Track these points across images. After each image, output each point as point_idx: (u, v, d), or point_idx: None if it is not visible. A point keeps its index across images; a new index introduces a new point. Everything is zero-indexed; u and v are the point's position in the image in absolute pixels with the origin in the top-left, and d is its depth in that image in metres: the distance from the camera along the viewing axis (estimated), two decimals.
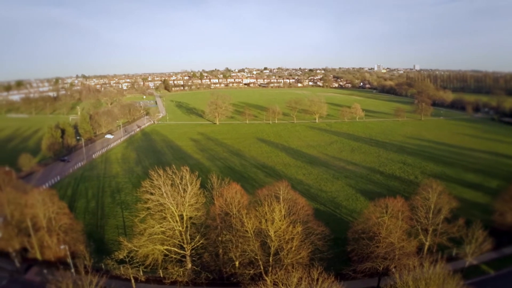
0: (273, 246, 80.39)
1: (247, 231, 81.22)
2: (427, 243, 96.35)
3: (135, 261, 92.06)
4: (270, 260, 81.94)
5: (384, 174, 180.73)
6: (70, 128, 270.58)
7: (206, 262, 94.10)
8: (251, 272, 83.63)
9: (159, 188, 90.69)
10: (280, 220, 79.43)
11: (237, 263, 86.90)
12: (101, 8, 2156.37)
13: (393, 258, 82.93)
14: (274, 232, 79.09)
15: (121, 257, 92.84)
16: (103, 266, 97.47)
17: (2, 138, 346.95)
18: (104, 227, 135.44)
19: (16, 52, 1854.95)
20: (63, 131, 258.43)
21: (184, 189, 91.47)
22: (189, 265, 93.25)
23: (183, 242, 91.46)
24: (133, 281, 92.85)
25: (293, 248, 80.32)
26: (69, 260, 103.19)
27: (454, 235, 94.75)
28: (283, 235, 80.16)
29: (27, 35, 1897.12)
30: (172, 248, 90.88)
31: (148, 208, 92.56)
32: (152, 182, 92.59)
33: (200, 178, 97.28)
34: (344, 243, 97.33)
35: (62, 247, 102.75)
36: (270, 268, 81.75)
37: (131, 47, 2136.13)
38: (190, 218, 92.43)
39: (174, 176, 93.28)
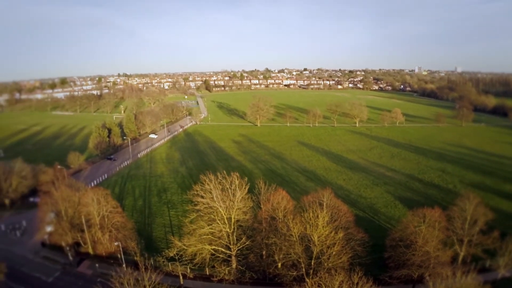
0: (316, 250, 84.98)
1: (292, 235, 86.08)
2: (462, 254, 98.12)
3: (184, 259, 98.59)
4: (312, 263, 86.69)
5: (423, 182, 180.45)
6: (116, 127, 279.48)
7: (251, 263, 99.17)
8: (293, 274, 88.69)
9: (210, 192, 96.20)
10: (323, 227, 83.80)
11: (279, 264, 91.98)
12: (141, 9, 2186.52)
13: (428, 266, 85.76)
14: (318, 237, 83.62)
15: (171, 254, 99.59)
16: (152, 262, 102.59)
17: (49, 135, 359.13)
18: (152, 225, 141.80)
19: (60, 51, 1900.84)
20: (109, 131, 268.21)
21: (234, 193, 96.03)
22: (234, 265, 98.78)
23: (230, 243, 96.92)
24: (181, 277, 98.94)
25: (334, 253, 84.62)
26: (121, 255, 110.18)
27: (488, 246, 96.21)
28: (326, 240, 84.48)
29: (70, 35, 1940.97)
30: (219, 248, 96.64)
31: (198, 210, 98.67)
32: (203, 186, 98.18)
33: (249, 184, 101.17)
34: (381, 250, 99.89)
35: (116, 243, 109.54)
36: (311, 271, 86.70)
37: (171, 46, 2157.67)
38: (238, 221, 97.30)
39: (224, 181, 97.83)
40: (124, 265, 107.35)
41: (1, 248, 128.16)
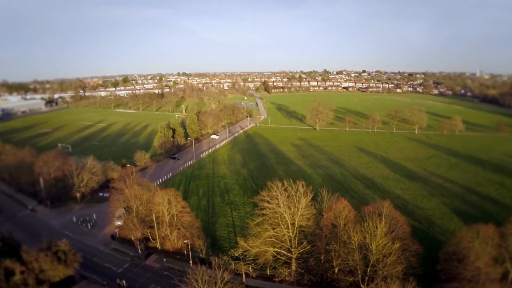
0: (373, 259, 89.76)
1: (351, 243, 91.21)
2: None
3: (247, 259, 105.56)
4: (368, 270, 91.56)
5: (480, 195, 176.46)
6: (180, 128, 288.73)
7: (310, 266, 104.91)
8: (350, 279, 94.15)
9: (276, 198, 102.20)
10: (381, 237, 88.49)
11: (336, 269, 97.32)
12: (201, 9, 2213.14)
13: (478, 281, 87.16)
14: (376, 246, 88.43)
15: (236, 254, 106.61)
16: (216, 260, 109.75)
17: (114, 132, 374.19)
18: (216, 225, 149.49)
19: (122, 50, 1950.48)
20: (173, 131, 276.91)
21: (298, 200, 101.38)
22: (294, 267, 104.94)
23: (291, 247, 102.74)
24: (244, 276, 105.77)
25: (390, 262, 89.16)
26: (188, 252, 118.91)
27: None
28: (382, 250, 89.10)
29: (132, 34, 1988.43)
30: (281, 251, 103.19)
31: (264, 214, 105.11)
32: (269, 192, 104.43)
33: (313, 193, 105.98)
34: (434, 261, 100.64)
35: (185, 241, 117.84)
36: (367, 278, 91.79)
37: (229, 45, 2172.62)
38: (300, 226, 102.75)
39: (290, 188, 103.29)
40: (190, 262, 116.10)
41: (74, 238, 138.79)
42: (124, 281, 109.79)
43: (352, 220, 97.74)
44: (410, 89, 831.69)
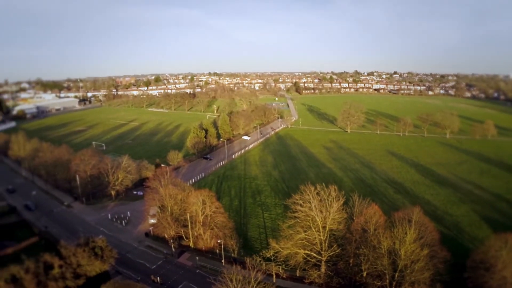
0: (401, 264, 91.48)
1: (381, 248, 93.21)
2: None
3: (278, 260, 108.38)
4: (396, 275, 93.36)
5: (510, 203, 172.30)
6: (213, 129, 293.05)
7: (339, 269, 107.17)
8: (378, 284, 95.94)
9: (309, 202, 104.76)
10: (410, 243, 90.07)
11: (365, 273, 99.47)
12: (232, 9, 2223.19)
13: None
14: (404, 252, 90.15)
15: (268, 255, 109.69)
16: (250, 260, 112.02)
17: (147, 131, 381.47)
18: (247, 225, 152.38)
19: (152, 50, 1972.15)
20: (206, 131, 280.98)
21: (330, 204, 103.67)
22: (324, 270, 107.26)
23: (322, 249, 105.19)
24: (274, 276, 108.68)
25: (418, 268, 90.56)
26: (221, 252, 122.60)
27: None
28: (411, 255, 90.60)
29: (162, 34, 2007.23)
30: (312, 253, 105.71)
31: (296, 217, 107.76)
32: (302, 196, 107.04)
33: (345, 198, 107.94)
34: (462, 269, 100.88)
35: (218, 241, 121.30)
36: (394, 283, 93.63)
37: (259, 45, 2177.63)
38: (331, 230, 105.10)
39: (322, 192, 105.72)
40: (223, 261, 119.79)
41: (108, 235, 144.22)
42: (158, 278, 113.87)
43: (382, 225, 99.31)
44: (442, 91, 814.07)
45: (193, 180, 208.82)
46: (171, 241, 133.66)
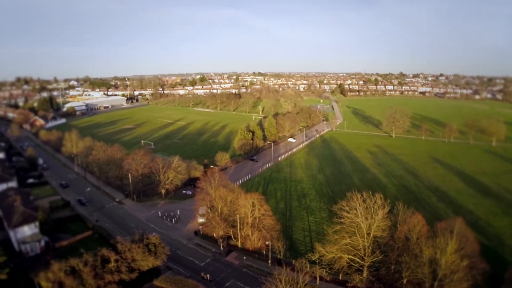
0: (441, 274, 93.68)
1: (422, 256, 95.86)
2: None
3: (323, 263, 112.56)
4: (435, 284, 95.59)
5: None
6: (259, 131, 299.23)
7: (381, 275, 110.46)
8: None
9: (355, 209, 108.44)
10: (451, 254, 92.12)
11: (405, 281, 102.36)
12: (274, 8, 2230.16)
13: None
14: (445, 262, 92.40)
15: (313, 258, 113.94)
16: (295, 263, 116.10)
17: (194, 131, 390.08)
18: (292, 228, 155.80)
19: (197, 49, 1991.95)
20: (253, 133, 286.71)
21: (376, 212, 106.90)
22: (366, 275, 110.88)
23: (365, 255, 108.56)
24: (318, 279, 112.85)
25: (456, 279, 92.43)
26: (268, 253, 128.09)
27: None
28: (451, 266, 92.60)
29: (207, 34, 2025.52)
30: (355, 258, 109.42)
31: (342, 223, 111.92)
32: (349, 203, 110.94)
33: (390, 206, 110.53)
34: (500, 282, 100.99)
35: (266, 243, 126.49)
36: None
37: (303, 45, 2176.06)
38: (375, 236, 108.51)
39: (368, 200, 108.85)
40: (269, 262, 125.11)
41: (159, 231, 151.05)
42: (208, 275, 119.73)
43: (424, 234, 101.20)
44: (489, 95, 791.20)
45: (240, 181, 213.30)
46: (220, 240, 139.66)
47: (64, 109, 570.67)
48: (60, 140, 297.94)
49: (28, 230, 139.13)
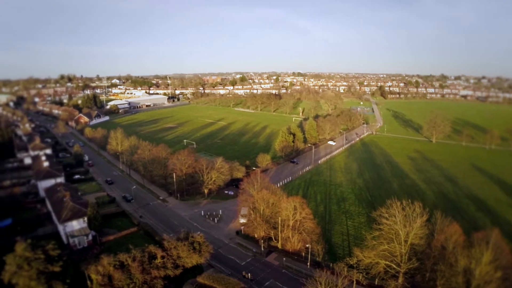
0: (474, 283, 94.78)
1: (457, 266, 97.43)
2: None
3: (360, 267, 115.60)
4: None
5: None
6: (300, 133, 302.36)
7: (416, 282, 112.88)
8: None
9: (394, 216, 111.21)
10: (485, 264, 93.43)
11: None
12: (312, 8, 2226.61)
13: None
14: (479, 272, 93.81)
15: (351, 262, 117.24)
16: (335, 266, 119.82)
17: (235, 131, 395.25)
18: (331, 232, 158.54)
19: (237, 48, 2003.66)
20: (294, 135, 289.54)
21: (414, 220, 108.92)
22: (401, 281, 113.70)
23: (401, 261, 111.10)
24: (355, 283, 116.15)
25: None
26: (307, 255, 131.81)
27: None
28: (485, 276, 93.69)
29: (247, 33, 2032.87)
30: (392, 264, 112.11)
31: (380, 229, 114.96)
32: (388, 210, 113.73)
33: (428, 214, 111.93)
34: None
35: (307, 245, 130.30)
36: None
37: (342, 45, 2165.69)
38: (412, 244, 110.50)
39: (407, 208, 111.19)
40: (308, 264, 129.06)
41: (201, 230, 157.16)
42: (249, 274, 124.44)
43: (461, 244, 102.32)
44: None
45: (280, 183, 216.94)
46: (261, 240, 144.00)
47: (107, 107, 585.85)
48: (105, 138, 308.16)
49: (76, 225, 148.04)
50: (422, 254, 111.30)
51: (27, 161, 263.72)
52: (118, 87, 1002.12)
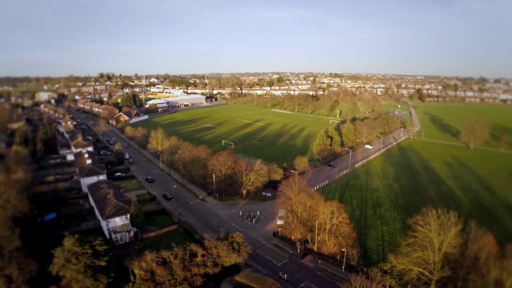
0: None
1: (489, 276, 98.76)
2: None
3: (393, 273, 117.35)
4: None
5: None
6: (338, 137, 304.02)
7: None
8: None
9: (429, 224, 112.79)
10: None
11: None
12: (350, 8, 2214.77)
13: None
14: (510, 283, 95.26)
15: (385, 268, 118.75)
16: (365, 270, 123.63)
17: (273, 133, 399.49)
18: (366, 237, 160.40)
19: (273, 48, 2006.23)
20: (331, 138, 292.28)
21: (449, 229, 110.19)
22: None
23: (434, 269, 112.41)
24: None
25: None
26: (342, 259, 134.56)
27: None
28: None
29: (283, 33, 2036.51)
30: (424, 271, 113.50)
31: (415, 237, 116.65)
32: (423, 218, 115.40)
33: (463, 223, 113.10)
34: None
35: (342, 249, 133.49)
36: None
37: (379, 46, 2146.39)
38: (446, 252, 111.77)
39: (442, 217, 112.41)
40: (343, 268, 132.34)
41: (239, 230, 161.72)
42: (286, 275, 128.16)
43: (494, 255, 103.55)
44: None
45: (317, 186, 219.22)
46: (297, 243, 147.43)
47: (146, 106, 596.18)
48: (145, 137, 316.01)
49: (119, 221, 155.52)
50: (455, 263, 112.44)
51: (70, 157, 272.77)
52: (156, 86, 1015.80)
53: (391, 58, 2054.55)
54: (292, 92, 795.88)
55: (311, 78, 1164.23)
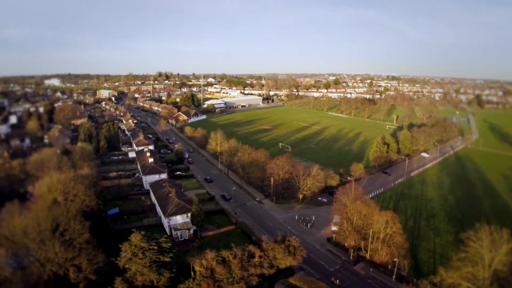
0: None
1: None
2: None
3: (442, 286, 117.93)
4: None
5: None
6: (394, 144, 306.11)
7: None
8: None
9: (481, 240, 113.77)
10: None
11: None
12: (409, 9, 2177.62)
13: None
14: None
15: (435, 281, 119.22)
16: (414, 281, 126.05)
17: (329, 137, 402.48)
18: (418, 248, 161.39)
19: (330, 49, 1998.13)
20: (388, 145, 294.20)
21: (500, 246, 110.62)
22: None
23: (482, 285, 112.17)
24: None
25: None
26: (393, 268, 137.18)
27: None
28: None
29: (338, 34, 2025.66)
30: (473, 287, 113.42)
31: (467, 251, 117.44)
32: (476, 233, 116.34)
33: None
34: None
35: (394, 259, 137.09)
36: None
37: (437, 47, 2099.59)
38: (495, 269, 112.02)
39: (495, 233, 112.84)
40: (393, 277, 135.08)
41: (294, 233, 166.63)
42: (338, 280, 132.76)
43: None
44: None
45: (372, 194, 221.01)
46: (350, 249, 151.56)
47: (204, 106, 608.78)
48: (204, 138, 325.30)
49: (180, 219, 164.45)
50: (504, 280, 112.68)
51: (131, 155, 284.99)
52: (214, 86, 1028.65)
53: (449, 60, 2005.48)
54: (348, 95, 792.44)
55: (368, 81, 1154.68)
